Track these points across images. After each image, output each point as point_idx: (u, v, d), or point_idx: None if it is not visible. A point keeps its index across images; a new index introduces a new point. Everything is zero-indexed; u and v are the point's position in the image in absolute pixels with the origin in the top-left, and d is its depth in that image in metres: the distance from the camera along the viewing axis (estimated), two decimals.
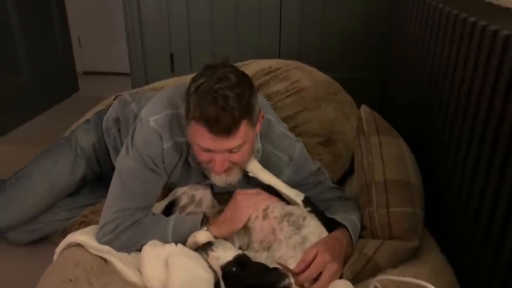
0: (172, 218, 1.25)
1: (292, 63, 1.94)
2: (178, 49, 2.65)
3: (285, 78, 1.86)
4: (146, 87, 2.03)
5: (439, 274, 1.10)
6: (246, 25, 2.56)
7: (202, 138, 1.10)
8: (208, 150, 1.13)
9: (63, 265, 1.17)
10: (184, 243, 1.18)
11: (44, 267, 1.22)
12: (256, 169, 1.27)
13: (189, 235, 1.21)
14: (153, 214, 1.28)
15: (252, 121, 1.13)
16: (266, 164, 1.30)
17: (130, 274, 1.16)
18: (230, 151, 1.12)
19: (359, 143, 1.36)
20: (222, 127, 1.06)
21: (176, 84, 1.39)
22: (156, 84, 2.00)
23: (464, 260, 1.16)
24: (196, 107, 1.07)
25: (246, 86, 1.11)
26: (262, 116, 1.21)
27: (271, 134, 1.32)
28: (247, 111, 1.10)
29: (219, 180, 1.22)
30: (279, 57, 2.48)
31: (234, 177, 1.23)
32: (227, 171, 1.18)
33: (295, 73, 1.87)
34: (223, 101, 1.04)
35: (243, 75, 1.14)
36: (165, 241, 1.19)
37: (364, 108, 1.41)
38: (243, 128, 1.10)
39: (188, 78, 1.97)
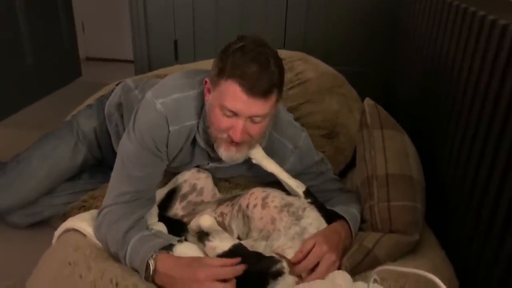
0: (131, 242, 1.13)
1: (296, 54, 1.93)
2: (182, 37, 2.64)
3: (289, 69, 1.84)
4: (149, 74, 2.02)
5: (439, 270, 1.10)
6: (252, 15, 2.55)
7: (234, 98, 1.10)
8: (233, 114, 1.12)
9: (62, 249, 1.17)
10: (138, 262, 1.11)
11: (43, 250, 1.22)
12: (259, 156, 1.26)
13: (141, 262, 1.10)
14: (138, 220, 1.20)
15: (280, 95, 1.15)
16: (271, 150, 1.30)
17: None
18: (253, 119, 1.13)
19: (362, 137, 1.35)
20: (261, 88, 1.08)
21: (182, 71, 1.38)
22: (160, 72, 1.99)
23: (464, 256, 1.15)
24: (237, 66, 1.08)
25: (280, 59, 1.15)
26: None
27: (278, 121, 1.32)
28: (281, 82, 1.14)
29: (227, 154, 1.21)
30: (284, 48, 2.47)
31: (241, 154, 1.22)
32: (240, 144, 1.18)
33: (299, 64, 1.86)
34: (266, 63, 1.08)
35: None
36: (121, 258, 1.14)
37: (368, 101, 1.40)
38: (273, 98, 1.13)
39: (191, 66, 1.99)
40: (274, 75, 1.09)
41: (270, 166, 1.27)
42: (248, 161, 1.28)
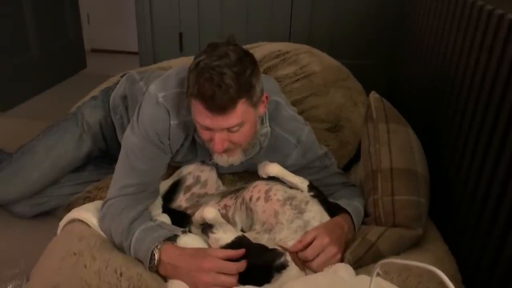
0: (135, 233, 1.14)
1: (302, 47, 1.92)
2: (187, 28, 2.64)
3: (294, 62, 1.84)
4: (154, 66, 2.02)
5: (441, 263, 1.10)
6: (257, 7, 2.54)
7: (200, 115, 1.10)
8: (207, 129, 1.12)
9: (67, 239, 1.18)
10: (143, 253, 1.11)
11: (48, 240, 1.23)
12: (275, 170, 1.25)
13: (145, 252, 1.11)
14: (143, 211, 1.22)
15: (252, 100, 1.11)
16: (274, 146, 1.30)
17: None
18: (229, 130, 1.11)
19: (367, 130, 1.35)
20: (218, 105, 1.05)
21: (186, 64, 1.38)
22: (164, 64, 1.99)
23: (467, 250, 1.15)
24: (194, 84, 1.06)
25: (246, 64, 1.09)
26: (266, 98, 1.19)
27: (280, 116, 1.31)
28: (245, 90, 1.07)
29: (221, 160, 1.22)
30: (289, 41, 2.46)
31: (236, 158, 1.22)
32: (228, 151, 1.18)
33: (305, 57, 1.85)
34: (219, 78, 1.03)
35: (245, 54, 1.12)
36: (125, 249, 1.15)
37: (373, 95, 1.40)
38: (241, 107, 1.08)
39: None
40: (229, 89, 1.03)
41: (274, 169, 1.26)
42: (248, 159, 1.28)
